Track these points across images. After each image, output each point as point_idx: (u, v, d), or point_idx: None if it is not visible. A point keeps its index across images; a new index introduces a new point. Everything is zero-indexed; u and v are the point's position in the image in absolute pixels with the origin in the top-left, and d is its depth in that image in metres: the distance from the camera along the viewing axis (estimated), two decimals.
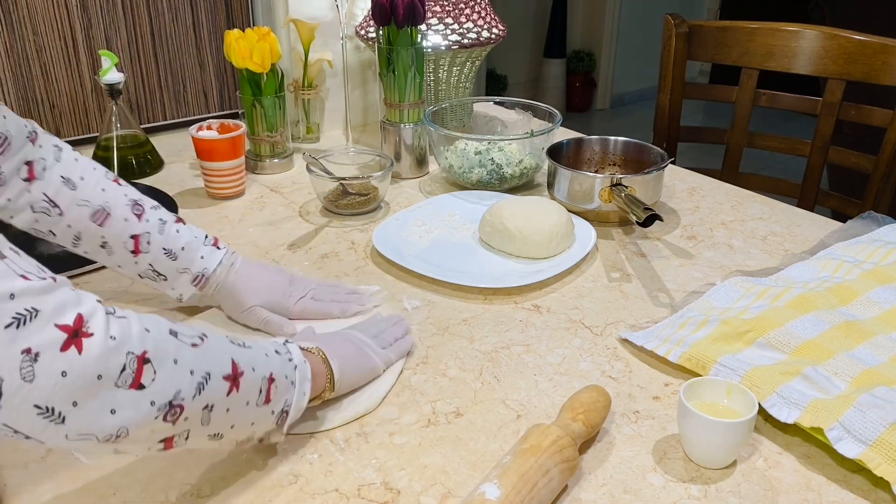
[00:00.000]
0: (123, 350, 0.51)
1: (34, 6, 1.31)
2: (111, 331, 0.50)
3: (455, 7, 1.35)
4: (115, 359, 0.50)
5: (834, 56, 1.39)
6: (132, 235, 0.81)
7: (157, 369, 0.53)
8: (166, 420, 0.54)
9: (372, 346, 0.78)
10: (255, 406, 0.62)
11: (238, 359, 0.60)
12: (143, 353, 0.52)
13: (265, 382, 0.62)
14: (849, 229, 1.08)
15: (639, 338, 0.84)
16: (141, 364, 0.52)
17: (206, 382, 0.56)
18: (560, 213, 1.04)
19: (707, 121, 4.51)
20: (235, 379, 0.59)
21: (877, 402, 0.69)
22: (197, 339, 0.58)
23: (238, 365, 0.60)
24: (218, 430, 0.59)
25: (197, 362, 0.56)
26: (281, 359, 0.65)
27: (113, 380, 0.50)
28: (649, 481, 0.66)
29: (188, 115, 1.52)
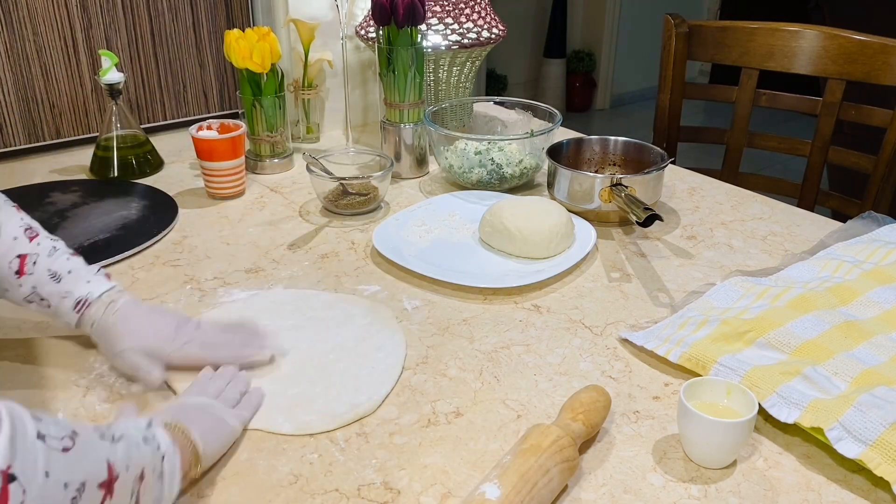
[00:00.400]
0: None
1: (34, 6, 1.31)
2: None
3: (455, 7, 1.35)
4: None
5: (834, 56, 1.39)
6: (19, 255, 0.77)
7: (27, 488, 0.43)
8: None
9: (222, 408, 0.71)
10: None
11: (113, 460, 0.52)
12: (8, 469, 0.42)
13: (136, 483, 0.55)
14: (849, 229, 1.08)
15: (639, 338, 0.84)
16: (6, 483, 0.42)
17: (80, 495, 0.48)
18: (560, 213, 1.04)
19: (707, 121, 4.52)
20: (110, 485, 0.51)
21: (877, 402, 0.69)
22: (67, 441, 0.48)
23: (113, 468, 0.52)
24: None
25: (69, 472, 0.47)
26: (149, 449, 0.58)
27: None
28: (649, 481, 0.66)
29: (188, 115, 1.52)
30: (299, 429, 0.72)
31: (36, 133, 1.38)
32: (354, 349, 0.83)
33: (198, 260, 1.03)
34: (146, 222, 1.12)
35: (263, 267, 1.02)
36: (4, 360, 0.83)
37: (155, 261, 1.03)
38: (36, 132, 1.38)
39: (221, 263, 1.02)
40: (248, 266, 1.02)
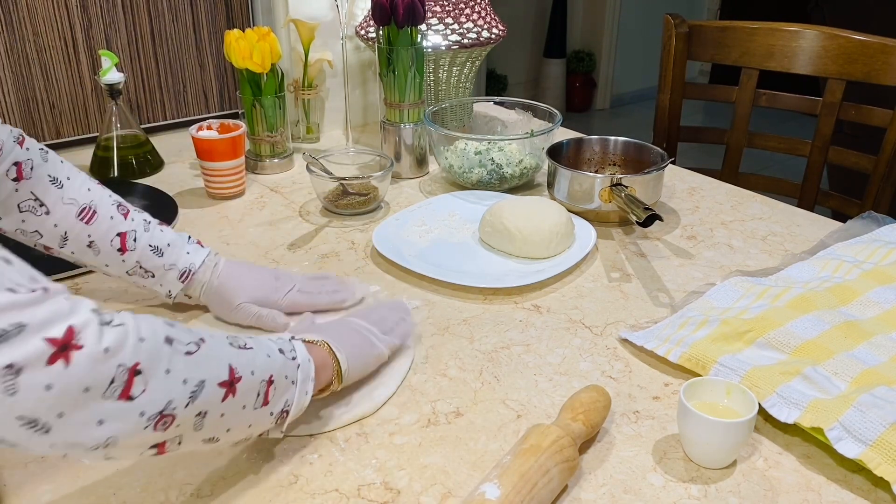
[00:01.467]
0: (114, 362, 0.49)
1: (34, 7, 1.31)
2: (104, 342, 0.49)
3: (455, 7, 1.35)
4: (104, 371, 0.49)
5: (834, 56, 1.39)
6: (119, 233, 0.82)
7: (149, 380, 0.52)
8: (156, 429, 0.53)
9: (375, 332, 0.77)
10: (253, 409, 0.61)
11: (236, 364, 0.59)
12: (135, 366, 0.51)
13: (263, 385, 0.61)
14: (849, 229, 1.08)
15: (639, 338, 0.84)
16: (131, 376, 0.50)
17: (200, 391, 0.55)
18: (560, 213, 1.04)
19: (707, 121, 4.52)
20: (232, 385, 0.58)
21: (877, 402, 0.69)
22: (193, 346, 0.56)
23: (235, 370, 0.59)
24: (212, 435, 0.59)
25: (191, 371, 0.55)
26: (283, 358, 0.64)
27: (101, 392, 0.49)
28: (649, 481, 0.66)
29: (188, 115, 1.52)
30: (300, 430, 0.72)
31: (36, 133, 1.38)
32: None
33: None
34: None
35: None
36: None
37: None
38: (36, 132, 1.38)
39: None
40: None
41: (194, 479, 0.66)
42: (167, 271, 0.85)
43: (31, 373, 0.46)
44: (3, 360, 0.45)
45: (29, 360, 0.45)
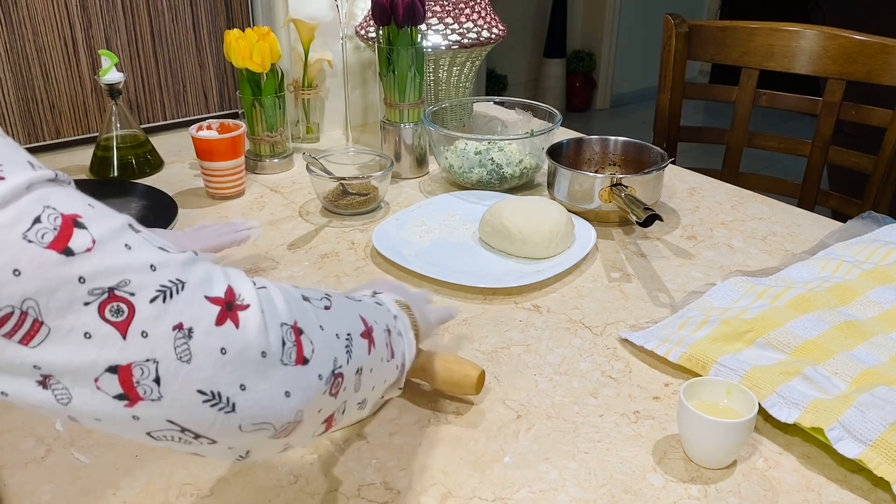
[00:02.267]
0: (277, 322, 0.46)
1: (34, 6, 1.31)
2: (261, 303, 0.45)
3: (455, 7, 1.35)
4: (273, 332, 0.45)
5: (834, 56, 1.39)
6: None
7: (313, 339, 0.48)
8: (331, 394, 0.49)
9: (420, 302, 0.72)
10: (386, 362, 0.57)
11: (364, 315, 0.56)
12: (295, 324, 0.47)
13: (386, 336, 0.58)
14: (849, 229, 1.08)
15: (639, 338, 0.84)
16: (298, 335, 0.47)
17: (351, 344, 0.52)
18: (560, 213, 1.04)
19: (707, 121, 4.51)
20: (370, 335, 0.55)
21: (877, 402, 0.68)
22: (326, 301, 0.53)
23: (366, 321, 0.55)
24: (364, 397, 0.55)
25: (337, 325, 0.51)
26: (383, 309, 0.61)
27: (278, 356, 0.45)
28: (649, 481, 0.66)
29: (188, 115, 1.52)
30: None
31: (36, 133, 1.38)
32: None
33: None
34: (146, 222, 1.10)
35: (263, 267, 1.02)
36: None
37: None
38: (36, 132, 1.38)
39: (221, 263, 1.02)
40: (247, 266, 1.02)
41: (194, 480, 0.66)
42: None
43: (201, 334, 0.42)
44: (172, 320, 0.41)
45: (197, 319, 0.42)
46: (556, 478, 0.67)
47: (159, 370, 0.40)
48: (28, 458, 0.69)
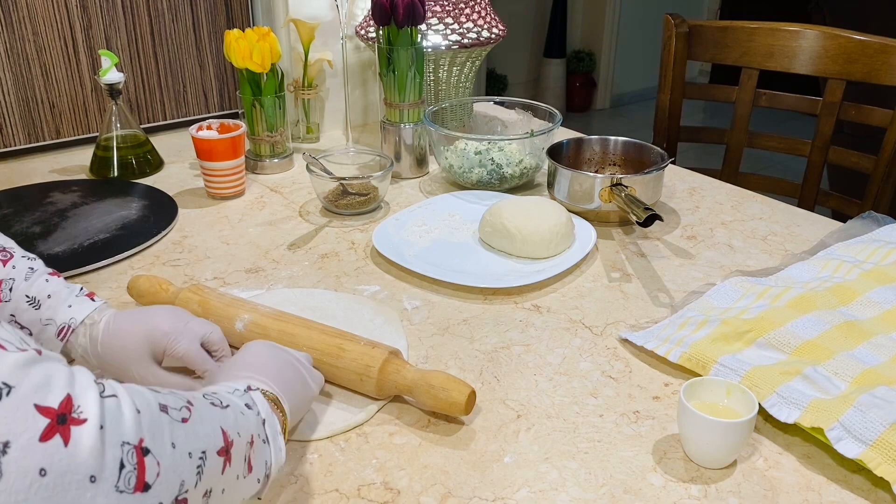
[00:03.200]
0: (119, 440, 0.40)
1: (34, 6, 1.31)
2: (104, 417, 0.40)
3: (455, 7, 1.35)
4: (110, 452, 0.39)
5: (834, 56, 1.39)
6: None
7: (160, 460, 0.43)
8: None
9: (307, 366, 0.70)
10: (243, 479, 0.53)
11: (225, 427, 0.51)
12: (140, 442, 0.42)
13: (247, 448, 0.53)
14: (849, 229, 1.08)
15: (639, 338, 0.84)
16: (141, 456, 0.41)
17: (204, 464, 0.47)
18: (560, 213, 1.04)
19: (707, 121, 4.52)
20: (228, 451, 0.50)
21: (877, 402, 0.68)
22: (185, 411, 0.48)
23: (227, 434, 0.50)
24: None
25: (193, 441, 0.46)
26: (252, 414, 0.56)
27: (112, 481, 0.39)
28: (649, 481, 0.66)
29: (188, 115, 1.52)
30: (297, 435, 0.71)
31: (36, 133, 1.38)
32: None
33: (198, 260, 1.03)
34: (146, 222, 1.12)
35: (263, 267, 1.02)
36: None
37: (155, 261, 1.03)
38: (36, 132, 1.38)
39: (221, 263, 1.02)
40: (247, 266, 1.02)
41: None
42: (45, 327, 0.71)
43: (18, 451, 0.36)
44: None
45: (16, 432, 0.36)
46: (556, 478, 0.67)
47: None
48: None
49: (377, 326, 0.87)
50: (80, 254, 1.02)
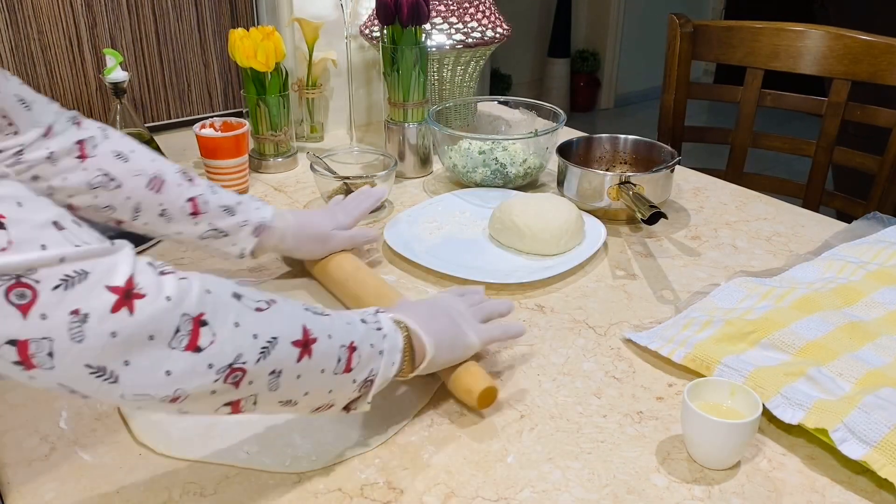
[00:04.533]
0: (178, 311, 0.51)
1: (39, 5, 1.31)
2: (166, 291, 0.51)
3: (459, 6, 1.35)
4: (167, 320, 0.51)
5: (839, 56, 1.38)
6: (189, 198, 0.84)
7: (217, 332, 0.53)
8: (227, 382, 0.54)
9: (468, 318, 0.75)
10: (333, 374, 0.61)
11: (311, 325, 0.59)
12: (200, 316, 0.52)
13: (344, 351, 0.61)
14: (853, 230, 1.08)
15: (642, 338, 0.84)
16: (197, 326, 0.52)
17: (272, 347, 0.56)
18: (570, 209, 1.04)
19: (712, 121, 4.51)
20: (307, 345, 0.58)
21: (881, 404, 0.68)
22: (263, 304, 0.57)
23: (310, 332, 0.59)
24: (290, 397, 0.59)
25: (261, 326, 0.56)
26: (367, 327, 0.65)
27: (166, 340, 0.51)
28: (652, 482, 0.66)
29: (192, 114, 1.53)
30: (285, 466, 0.68)
31: None
32: None
33: (201, 258, 1.03)
34: None
35: (267, 265, 1.02)
36: None
37: (159, 259, 1.03)
38: None
39: (225, 262, 1.02)
40: (251, 265, 1.02)
41: (198, 479, 0.66)
42: (241, 228, 0.87)
43: (95, 320, 0.48)
44: (69, 306, 0.47)
45: (94, 307, 0.48)
46: (560, 478, 0.67)
47: (53, 347, 0.47)
48: (32, 456, 0.69)
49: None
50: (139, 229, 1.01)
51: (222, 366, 0.53)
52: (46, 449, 0.70)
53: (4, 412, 0.74)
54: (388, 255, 1.03)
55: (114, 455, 0.69)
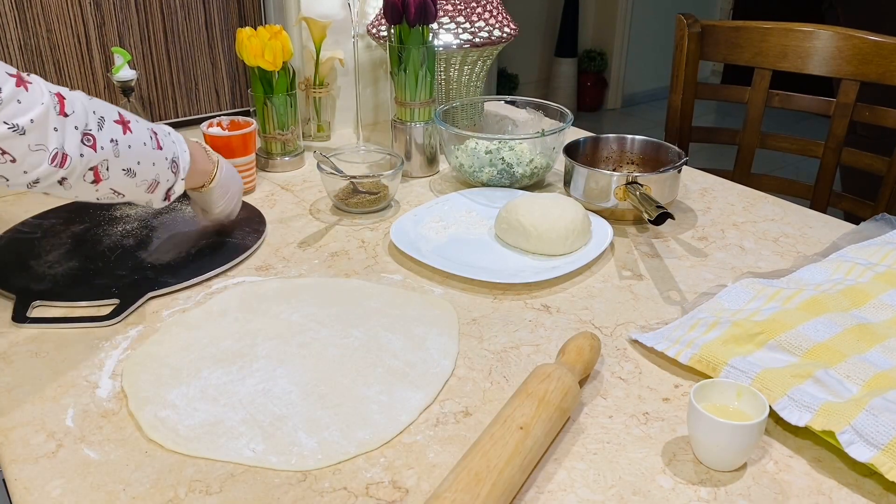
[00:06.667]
0: (52, 90, 0.75)
1: (48, 3, 1.31)
2: (48, 85, 0.75)
3: (467, 6, 1.34)
4: (47, 97, 0.73)
5: (848, 57, 1.38)
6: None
7: (73, 105, 0.76)
8: (85, 144, 0.76)
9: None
10: (151, 149, 0.84)
11: (121, 112, 0.83)
12: (58, 93, 0.75)
13: (150, 133, 0.85)
14: (862, 231, 1.07)
15: (649, 339, 0.84)
16: (62, 100, 0.75)
17: (103, 122, 0.79)
18: (576, 210, 1.04)
19: (719, 121, 4.50)
20: (125, 124, 0.82)
21: (889, 406, 0.68)
22: (88, 97, 0.80)
23: (123, 115, 0.83)
24: (129, 166, 0.82)
25: (94, 106, 0.79)
26: (159, 126, 0.89)
27: (53, 108, 0.74)
28: (658, 483, 0.66)
29: (200, 113, 1.53)
30: (291, 464, 0.68)
31: None
32: (397, 356, 0.82)
33: None
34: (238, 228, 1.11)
35: (273, 264, 1.02)
36: (18, 354, 0.83)
37: None
38: None
39: None
40: (258, 263, 1.02)
41: (203, 476, 0.67)
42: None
43: (8, 92, 0.70)
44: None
45: (8, 90, 0.71)
46: (565, 478, 0.66)
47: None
48: (38, 453, 0.69)
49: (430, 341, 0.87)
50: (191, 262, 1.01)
51: (82, 128, 0.76)
52: (53, 446, 0.70)
53: (11, 409, 0.75)
54: (394, 255, 1.03)
55: (120, 453, 0.69)
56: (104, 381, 0.79)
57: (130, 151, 0.81)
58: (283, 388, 0.77)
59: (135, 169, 0.83)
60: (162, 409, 0.74)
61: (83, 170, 0.77)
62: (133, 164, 0.82)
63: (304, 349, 0.83)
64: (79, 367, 0.81)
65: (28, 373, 0.80)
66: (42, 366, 0.81)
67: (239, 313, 0.89)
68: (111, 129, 0.80)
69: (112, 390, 0.77)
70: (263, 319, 0.88)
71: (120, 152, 0.80)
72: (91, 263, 0.99)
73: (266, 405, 0.74)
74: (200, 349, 0.83)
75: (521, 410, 0.67)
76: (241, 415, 0.73)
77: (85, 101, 0.78)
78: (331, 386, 0.77)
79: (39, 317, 0.89)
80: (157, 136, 0.86)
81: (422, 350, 0.83)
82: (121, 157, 0.80)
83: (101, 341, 0.85)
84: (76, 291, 0.92)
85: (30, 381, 0.79)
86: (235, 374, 0.79)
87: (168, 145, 0.88)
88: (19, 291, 0.92)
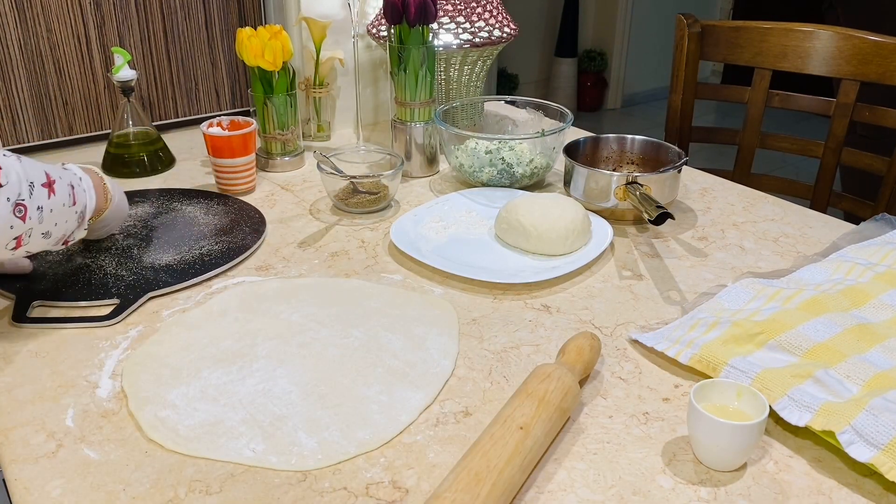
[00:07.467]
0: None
1: (48, 4, 1.31)
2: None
3: (467, 6, 1.34)
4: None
5: (848, 57, 1.38)
6: None
7: (6, 174, 0.73)
8: (16, 216, 0.75)
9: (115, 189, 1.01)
10: (68, 207, 0.83)
11: (49, 171, 0.80)
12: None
13: (69, 189, 0.83)
14: (862, 231, 1.07)
15: (649, 339, 0.84)
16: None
17: (34, 188, 0.77)
18: (576, 210, 1.04)
19: (719, 121, 4.50)
20: (51, 185, 0.80)
21: (889, 406, 0.68)
22: (18, 161, 0.77)
23: (49, 175, 0.80)
24: (47, 229, 0.80)
25: (26, 172, 0.77)
26: (70, 173, 0.86)
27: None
28: (658, 483, 0.66)
29: (200, 113, 1.53)
30: (291, 464, 0.68)
31: (49, 130, 1.39)
32: (396, 357, 0.82)
33: None
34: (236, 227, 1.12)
35: (273, 264, 1.02)
36: (18, 354, 0.83)
37: None
38: (49, 129, 1.39)
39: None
40: (258, 263, 1.02)
41: (203, 477, 0.67)
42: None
43: None
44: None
45: None
46: (565, 478, 0.67)
47: None
48: (38, 453, 0.69)
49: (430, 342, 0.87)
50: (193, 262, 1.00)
51: (14, 199, 0.74)
52: (53, 446, 0.70)
53: (11, 409, 0.75)
54: (394, 255, 1.03)
55: (120, 453, 0.69)
56: (104, 381, 0.79)
57: (52, 215, 0.80)
58: (283, 388, 0.77)
59: (52, 231, 0.81)
60: (162, 409, 0.74)
61: (8, 240, 0.76)
62: (51, 227, 0.81)
63: (304, 349, 0.83)
64: (79, 367, 0.81)
65: (28, 373, 0.80)
66: (42, 366, 0.81)
67: (239, 313, 0.89)
68: (39, 196, 0.78)
69: (112, 390, 0.77)
70: (263, 319, 0.88)
71: (43, 218, 0.79)
72: (91, 263, 0.99)
73: (266, 405, 0.74)
74: (200, 349, 0.83)
75: (521, 410, 0.67)
76: (241, 415, 0.73)
77: (18, 168, 0.76)
78: (331, 386, 0.77)
79: (39, 317, 0.89)
80: (74, 191, 0.85)
81: (422, 350, 0.83)
82: (43, 222, 0.79)
83: (101, 341, 0.85)
84: (76, 291, 0.93)
85: (30, 381, 0.79)
86: (235, 374, 0.79)
87: (80, 196, 0.86)
88: (19, 291, 0.92)
